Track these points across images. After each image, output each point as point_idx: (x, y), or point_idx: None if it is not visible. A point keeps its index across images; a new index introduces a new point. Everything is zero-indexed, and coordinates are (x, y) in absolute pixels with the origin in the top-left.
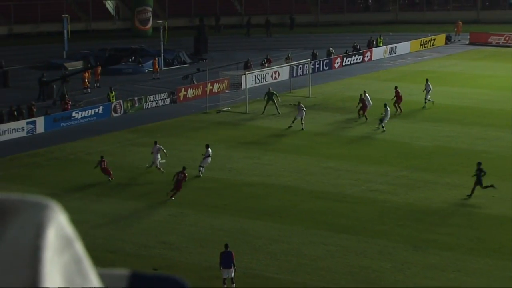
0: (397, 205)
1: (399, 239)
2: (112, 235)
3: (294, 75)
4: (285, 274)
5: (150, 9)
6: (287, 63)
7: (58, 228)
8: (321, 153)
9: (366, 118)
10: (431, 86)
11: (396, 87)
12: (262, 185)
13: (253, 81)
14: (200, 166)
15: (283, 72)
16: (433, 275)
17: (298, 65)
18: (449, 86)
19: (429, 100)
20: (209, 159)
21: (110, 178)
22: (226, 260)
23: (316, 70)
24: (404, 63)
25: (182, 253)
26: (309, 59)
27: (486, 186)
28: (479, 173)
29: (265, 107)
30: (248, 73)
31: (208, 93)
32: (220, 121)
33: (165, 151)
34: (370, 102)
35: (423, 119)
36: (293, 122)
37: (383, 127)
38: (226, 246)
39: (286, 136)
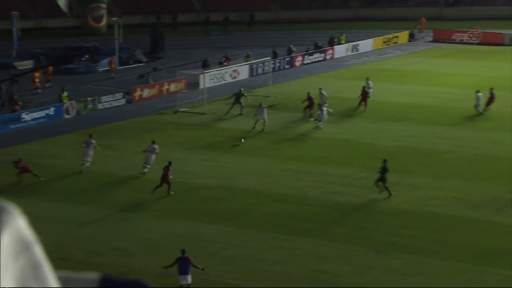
0: (357, 207)
1: (360, 242)
2: (62, 241)
3: (254, 74)
4: (242, 279)
5: (104, 6)
6: (246, 61)
7: (15, 232)
8: (280, 154)
9: (310, 116)
10: (371, 84)
11: (364, 87)
12: (219, 188)
13: (212, 81)
14: (145, 164)
15: (243, 71)
16: (394, 279)
17: (258, 64)
18: (412, 85)
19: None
20: (154, 156)
21: (35, 175)
22: (183, 266)
23: (276, 69)
24: (367, 61)
25: (136, 259)
26: (269, 58)
27: (385, 187)
28: (384, 170)
29: (230, 108)
30: (206, 72)
31: (164, 93)
32: (177, 122)
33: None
34: (326, 96)
35: (384, 118)
36: (255, 123)
37: (318, 126)
38: (183, 251)
39: (244, 138)
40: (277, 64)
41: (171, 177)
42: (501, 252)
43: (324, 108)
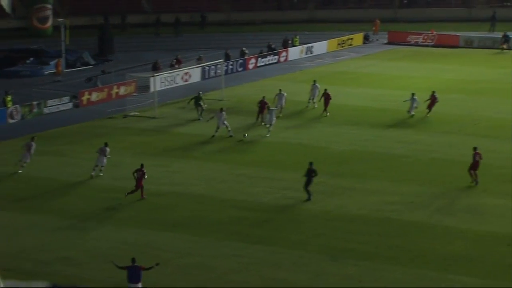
0: (313, 213)
1: (316, 249)
2: (8, 251)
3: (206, 77)
4: None
5: (50, 6)
6: (198, 64)
7: None
8: (234, 159)
9: (262, 121)
10: (319, 87)
11: (325, 89)
12: (171, 194)
13: (162, 84)
14: (96, 166)
15: (194, 73)
16: (350, 286)
17: (210, 66)
18: (367, 88)
19: (313, 101)
20: (105, 160)
21: None
22: (134, 274)
23: (229, 72)
24: (322, 64)
25: (84, 269)
26: (221, 60)
27: (307, 189)
28: (310, 173)
29: (198, 111)
30: (156, 75)
31: (113, 96)
32: (127, 127)
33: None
34: (283, 100)
35: (340, 122)
36: (216, 131)
37: (269, 130)
38: (133, 260)
39: (197, 142)
40: (230, 67)
41: (145, 177)
42: (458, 257)
43: (274, 110)
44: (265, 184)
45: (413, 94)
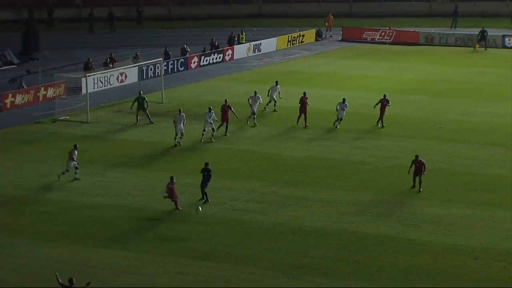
0: (265, 225)
1: (268, 265)
2: None
3: (144, 77)
4: None
5: None
6: (135, 63)
7: None
8: (178, 167)
9: (221, 124)
10: (279, 88)
11: (304, 93)
12: (108, 206)
13: (95, 85)
14: (66, 171)
15: (131, 73)
16: None
17: (149, 66)
18: (320, 89)
19: (274, 104)
20: (72, 163)
21: None
22: None
23: (169, 71)
24: (270, 63)
25: None
26: (161, 59)
27: (203, 192)
28: (207, 174)
29: (137, 116)
30: (89, 75)
31: (41, 99)
32: (57, 132)
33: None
34: (259, 101)
35: (293, 126)
36: (176, 137)
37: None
38: (71, 281)
39: (136, 149)
40: (170, 66)
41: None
42: (421, 272)
43: (211, 114)
44: (212, 194)
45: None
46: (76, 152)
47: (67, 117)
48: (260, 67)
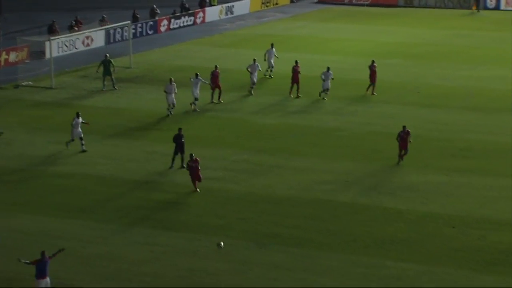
0: (236, 194)
1: (239, 234)
2: None
3: (111, 41)
4: (102, 282)
5: None
6: (102, 26)
7: None
8: (145, 135)
9: (213, 92)
10: (275, 51)
11: (296, 62)
12: (73, 175)
13: (60, 49)
14: (71, 140)
15: (97, 37)
16: (278, 276)
17: (116, 29)
18: (297, 52)
19: (270, 70)
20: (76, 132)
21: None
22: (42, 269)
23: (138, 35)
24: (244, 26)
25: None
26: (129, 22)
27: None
28: (178, 140)
29: (103, 81)
30: (53, 39)
31: (2, 63)
32: (20, 98)
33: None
34: (257, 69)
35: (267, 92)
36: (169, 109)
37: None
38: (43, 253)
39: (103, 116)
40: (139, 29)
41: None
42: (397, 241)
43: (198, 81)
44: (180, 163)
45: (328, 69)
46: (78, 120)
47: (30, 83)
48: (233, 31)
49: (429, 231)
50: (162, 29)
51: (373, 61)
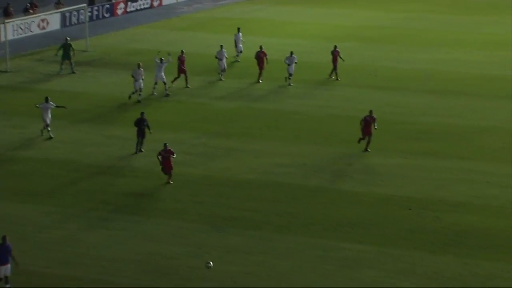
0: (194, 178)
1: (196, 218)
2: None
3: (67, 24)
4: (58, 267)
5: None
6: (57, 9)
7: None
8: (103, 119)
9: (177, 77)
10: (240, 36)
11: (260, 46)
12: (30, 160)
13: (15, 32)
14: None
15: (53, 20)
16: (235, 259)
17: (72, 12)
18: (253, 36)
19: (237, 55)
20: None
21: None
22: (3, 255)
23: (94, 18)
24: (201, 9)
25: None
26: (85, 4)
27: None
28: (140, 124)
29: (61, 64)
30: (8, 22)
31: None
32: None
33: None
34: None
35: (225, 75)
36: (134, 93)
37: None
38: (4, 238)
39: (59, 100)
40: (95, 12)
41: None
42: (354, 224)
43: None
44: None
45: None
46: (47, 104)
47: None
48: (190, 14)
49: (386, 213)
50: (119, 12)
51: (335, 46)
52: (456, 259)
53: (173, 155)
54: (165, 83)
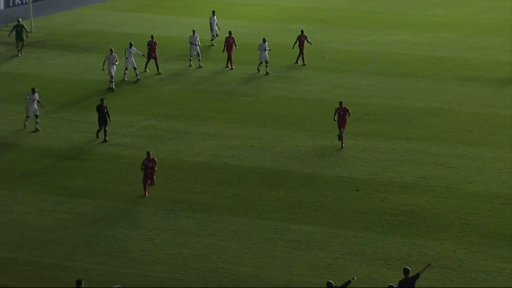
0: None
1: (147, 201)
2: None
3: (11, 4)
4: (6, 251)
5: None
6: None
7: None
8: (50, 101)
9: (148, 61)
10: (215, 20)
11: (230, 32)
12: None
13: None
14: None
15: None
16: (186, 242)
17: None
18: (201, 17)
19: (212, 39)
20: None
21: None
22: None
23: None
24: None
25: None
26: None
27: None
28: (102, 111)
29: (17, 46)
30: None
31: None
32: None
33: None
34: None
35: (172, 57)
36: (111, 81)
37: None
38: None
39: (5, 82)
40: None
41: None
42: (304, 205)
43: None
44: (87, 129)
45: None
46: (33, 96)
47: None
48: None
49: (335, 195)
50: None
51: (302, 31)
52: (404, 240)
53: (155, 163)
54: (135, 68)
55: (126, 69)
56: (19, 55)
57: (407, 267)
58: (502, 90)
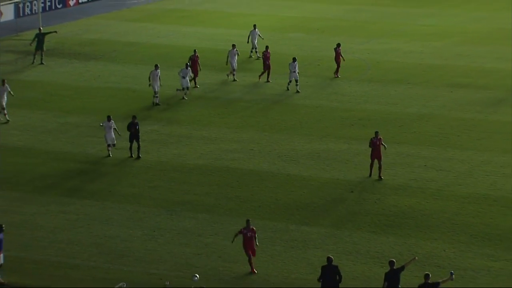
0: (147, 164)
1: (151, 203)
2: None
3: (21, 15)
4: (17, 250)
5: None
6: None
7: None
8: (59, 106)
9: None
10: (258, 32)
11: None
12: None
13: None
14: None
15: (7, 11)
16: (188, 241)
17: (25, 2)
18: (203, 27)
19: (255, 51)
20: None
21: None
22: None
23: (47, 9)
24: (151, 1)
25: None
26: None
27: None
28: (135, 130)
29: (35, 54)
30: None
31: None
32: None
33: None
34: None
35: (174, 64)
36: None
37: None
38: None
39: (16, 89)
40: (48, 3)
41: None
42: (301, 206)
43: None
44: (93, 134)
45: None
46: (109, 123)
47: None
48: (141, 5)
49: (331, 196)
50: (71, 3)
51: (338, 44)
52: (396, 239)
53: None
54: (188, 88)
55: (188, 88)
56: (40, 63)
57: (393, 260)
58: (489, 96)
